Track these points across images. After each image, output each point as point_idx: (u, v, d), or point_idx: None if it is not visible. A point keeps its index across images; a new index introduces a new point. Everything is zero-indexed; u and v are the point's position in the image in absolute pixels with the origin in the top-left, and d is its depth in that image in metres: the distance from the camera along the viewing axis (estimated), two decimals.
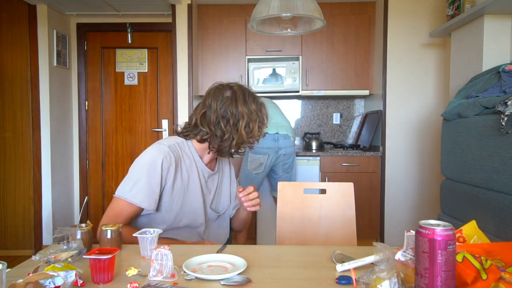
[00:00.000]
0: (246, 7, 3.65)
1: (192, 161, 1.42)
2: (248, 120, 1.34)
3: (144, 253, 1.11)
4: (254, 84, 3.63)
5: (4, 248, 3.45)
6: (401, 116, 3.37)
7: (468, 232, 0.97)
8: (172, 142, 1.39)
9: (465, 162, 2.00)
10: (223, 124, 1.34)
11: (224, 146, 1.37)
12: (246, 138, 1.36)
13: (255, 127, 1.36)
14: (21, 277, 0.84)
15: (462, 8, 2.49)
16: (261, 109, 1.40)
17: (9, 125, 3.43)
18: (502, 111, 1.62)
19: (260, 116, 1.39)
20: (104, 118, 3.88)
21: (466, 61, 2.50)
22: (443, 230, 0.72)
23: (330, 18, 3.58)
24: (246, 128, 1.35)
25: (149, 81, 3.86)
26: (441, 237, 0.72)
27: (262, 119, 1.39)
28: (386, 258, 0.84)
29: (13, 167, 3.45)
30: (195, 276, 0.94)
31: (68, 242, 1.10)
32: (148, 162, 1.30)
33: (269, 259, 1.12)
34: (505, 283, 0.72)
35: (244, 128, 1.34)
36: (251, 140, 1.38)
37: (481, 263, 0.79)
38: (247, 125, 1.35)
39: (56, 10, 3.50)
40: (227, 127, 1.34)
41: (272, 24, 1.84)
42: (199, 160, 1.43)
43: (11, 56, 3.41)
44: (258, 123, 1.38)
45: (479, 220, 1.04)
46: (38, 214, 3.42)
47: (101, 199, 3.88)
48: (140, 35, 3.85)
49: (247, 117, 1.34)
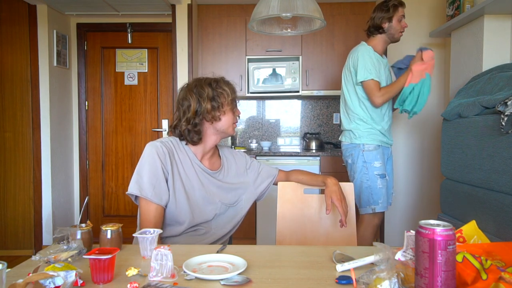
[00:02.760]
0: (246, 7, 3.65)
1: (186, 156, 1.46)
2: (196, 101, 1.40)
3: (144, 253, 1.11)
4: (254, 84, 3.63)
5: (4, 248, 3.45)
6: (401, 116, 3.36)
7: (468, 232, 0.97)
8: (164, 139, 1.46)
9: (465, 162, 2.00)
10: (179, 111, 1.45)
11: (183, 128, 1.42)
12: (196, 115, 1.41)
13: (207, 106, 1.40)
14: (21, 277, 0.84)
15: (462, 8, 2.48)
16: (217, 90, 1.43)
17: (9, 125, 3.44)
18: (502, 111, 1.62)
19: (215, 97, 1.42)
20: (104, 118, 3.88)
21: (466, 61, 2.50)
22: (443, 230, 0.73)
23: (330, 18, 3.58)
24: (198, 107, 1.41)
25: (149, 81, 3.86)
26: (441, 237, 0.72)
27: (217, 100, 1.42)
28: (386, 258, 0.84)
29: (13, 167, 3.45)
30: (195, 276, 0.94)
31: (68, 242, 1.11)
32: (145, 157, 1.37)
33: (269, 259, 1.12)
34: (505, 283, 0.72)
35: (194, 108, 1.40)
36: (208, 117, 1.41)
37: (481, 263, 0.79)
38: (198, 104, 1.41)
39: (56, 10, 3.50)
40: (179, 111, 1.45)
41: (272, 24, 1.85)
42: (194, 158, 1.47)
43: (11, 56, 3.41)
44: (212, 103, 1.41)
45: (479, 220, 1.04)
46: (38, 214, 3.42)
47: (101, 199, 3.88)
48: (140, 35, 3.85)
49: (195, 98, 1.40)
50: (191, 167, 1.45)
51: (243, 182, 1.59)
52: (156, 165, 1.35)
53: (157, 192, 1.34)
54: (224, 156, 1.61)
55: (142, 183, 1.33)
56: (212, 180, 1.50)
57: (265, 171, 1.65)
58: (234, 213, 1.56)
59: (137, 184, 1.33)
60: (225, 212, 1.53)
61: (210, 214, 1.47)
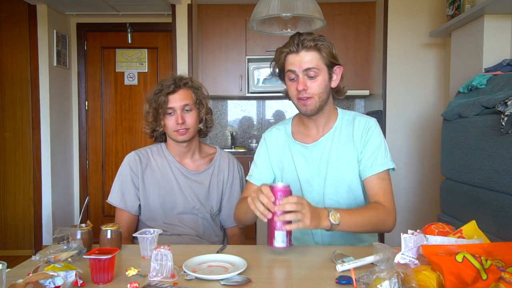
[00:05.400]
0: (246, 7, 3.65)
1: (164, 159, 1.55)
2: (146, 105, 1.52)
3: (144, 253, 1.11)
4: (254, 84, 3.63)
5: (4, 248, 3.44)
6: (401, 116, 3.36)
7: (468, 232, 0.97)
8: (144, 148, 1.59)
9: (465, 162, 2.00)
10: None
11: None
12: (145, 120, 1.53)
13: (144, 108, 1.52)
14: (21, 277, 0.84)
15: (462, 8, 2.48)
16: (155, 92, 1.48)
17: (9, 125, 3.43)
18: (502, 111, 1.62)
19: (146, 99, 1.51)
20: (104, 118, 3.88)
21: (466, 61, 2.50)
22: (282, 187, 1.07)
23: (330, 18, 3.57)
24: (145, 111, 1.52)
25: (149, 81, 3.86)
26: (279, 191, 1.06)
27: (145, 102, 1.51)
28: (386, 258, 0.84)
29: (13, 167, 3.45)
30: (195, 276, 0.94)
31: (68, 242, 1.10)
32: (120, 168, 1.54)
33: (269, 259, 1.12)
34: (505, 283, 0.72)
35: None
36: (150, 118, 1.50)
37: (481, 263, 0.79)
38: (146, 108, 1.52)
39: (56, 10, 3.49)
40: None
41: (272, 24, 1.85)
42: (173, 160, 1.55)
43: (11, 56, 3.41)
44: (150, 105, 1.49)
45: (479, 220, 1.04)
46: (38, 214, 3.42)
47: (101, 199, 3.88)
48: (140, 35, 3.85)
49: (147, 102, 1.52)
50: (169, 170, 1.53)
51: (217, 191, 1.58)
52: (126, 175, 1.51)
53: (125, 200, 1.49)
54: (217, 160, 1.60)
55: (112, 191, 1.52)
56: (189, 180, 1.53)
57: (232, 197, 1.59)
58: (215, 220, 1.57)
59: (111, 193, 1.52)
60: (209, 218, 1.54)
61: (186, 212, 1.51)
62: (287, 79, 1.30)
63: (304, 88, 1.24)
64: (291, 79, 1.28)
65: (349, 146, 1.33)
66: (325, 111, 1.32)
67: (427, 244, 0.92)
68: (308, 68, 1.24)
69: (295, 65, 1.25)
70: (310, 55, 1.24)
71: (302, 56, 1.24)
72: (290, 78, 1.29)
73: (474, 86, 2.04)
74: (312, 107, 1.27)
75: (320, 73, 1.25)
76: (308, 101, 1.26)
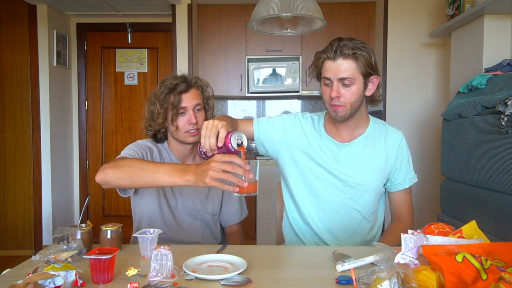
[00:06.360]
0: (246, 7, 3.65)
1: (169, 159, 1.49)
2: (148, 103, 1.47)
3: (144, 253, 1.11)
4: (254, 84, 3.63)
5: (4, 248, 3.44)
6: (401, 116, 3.36)
7: (468, 232, 0.97)
8: (151, 143, 1.52)
9: (465, 162, 2.00)
10: None
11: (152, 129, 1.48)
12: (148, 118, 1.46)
13: (151, 108, 1.44)
14: (21, 277, 0.84)
15: (462, 8, 2.48)
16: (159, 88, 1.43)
17: (9, 125, 3.43)
18: (502, 111, 1.62)
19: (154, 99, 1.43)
20: (104, 118, 3.88)
21: (466, 61, 2.50)
22: None
23: (330, 18, 3.57)
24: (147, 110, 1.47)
25: (149, 81, 3.86)
26: None
27: (154, 102, 1.43)
28: (386, 258, 0.84)
29: (13, 167, 3.44)
30: (195, 276, 0.94)
31: (68, 242, 1.10)
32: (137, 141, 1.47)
33: (269, 259, 1.12)
34: (505, 283, 0.72)
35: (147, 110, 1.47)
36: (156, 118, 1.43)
37: (481, 263, 0.79)
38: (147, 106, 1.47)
39: (56, 10, 3.49)
40: None
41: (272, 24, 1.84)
42: (176, 161, 1.49)
43: (11, 56, 3.41)
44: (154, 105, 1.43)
45: (479, 220, 1.04)
46: (38, 214, 3.42)
47: (101, 199, 3.87)
48: (140, 35, 3.85)
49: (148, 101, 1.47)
50: None
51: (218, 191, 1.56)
52: (142, 146, 1.43)
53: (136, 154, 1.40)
54: None
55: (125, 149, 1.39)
56: None
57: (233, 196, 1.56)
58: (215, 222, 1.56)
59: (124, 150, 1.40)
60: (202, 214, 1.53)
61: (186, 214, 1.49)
62: (322, 83, 1.32)
63: (337, 95, 1.25)
64: (326, 84, 1.30)
65: (381, 155, 1.37)
66: (356, 116, 1.33)
67: (427, 244, 0.92)
68: (343, 77, 1.24)
69: (331, 73, 1.26)
70: (347, 64, 1.24)
71: (339, 63, 1.24)
72: (325, 83, 1.30)
73: (474, 86, 2.04)
74: (342, 114, 1.28)
75: (355, 82, 1.25)
76: (339, 108, 1.27)
